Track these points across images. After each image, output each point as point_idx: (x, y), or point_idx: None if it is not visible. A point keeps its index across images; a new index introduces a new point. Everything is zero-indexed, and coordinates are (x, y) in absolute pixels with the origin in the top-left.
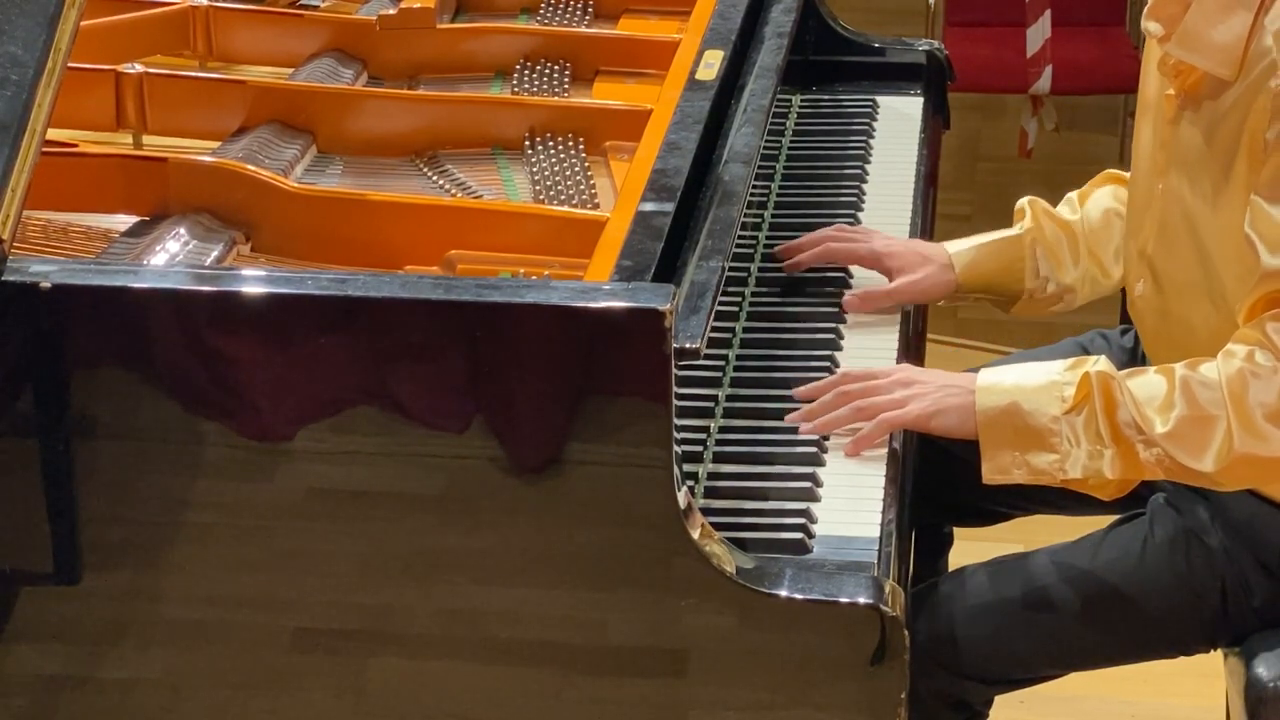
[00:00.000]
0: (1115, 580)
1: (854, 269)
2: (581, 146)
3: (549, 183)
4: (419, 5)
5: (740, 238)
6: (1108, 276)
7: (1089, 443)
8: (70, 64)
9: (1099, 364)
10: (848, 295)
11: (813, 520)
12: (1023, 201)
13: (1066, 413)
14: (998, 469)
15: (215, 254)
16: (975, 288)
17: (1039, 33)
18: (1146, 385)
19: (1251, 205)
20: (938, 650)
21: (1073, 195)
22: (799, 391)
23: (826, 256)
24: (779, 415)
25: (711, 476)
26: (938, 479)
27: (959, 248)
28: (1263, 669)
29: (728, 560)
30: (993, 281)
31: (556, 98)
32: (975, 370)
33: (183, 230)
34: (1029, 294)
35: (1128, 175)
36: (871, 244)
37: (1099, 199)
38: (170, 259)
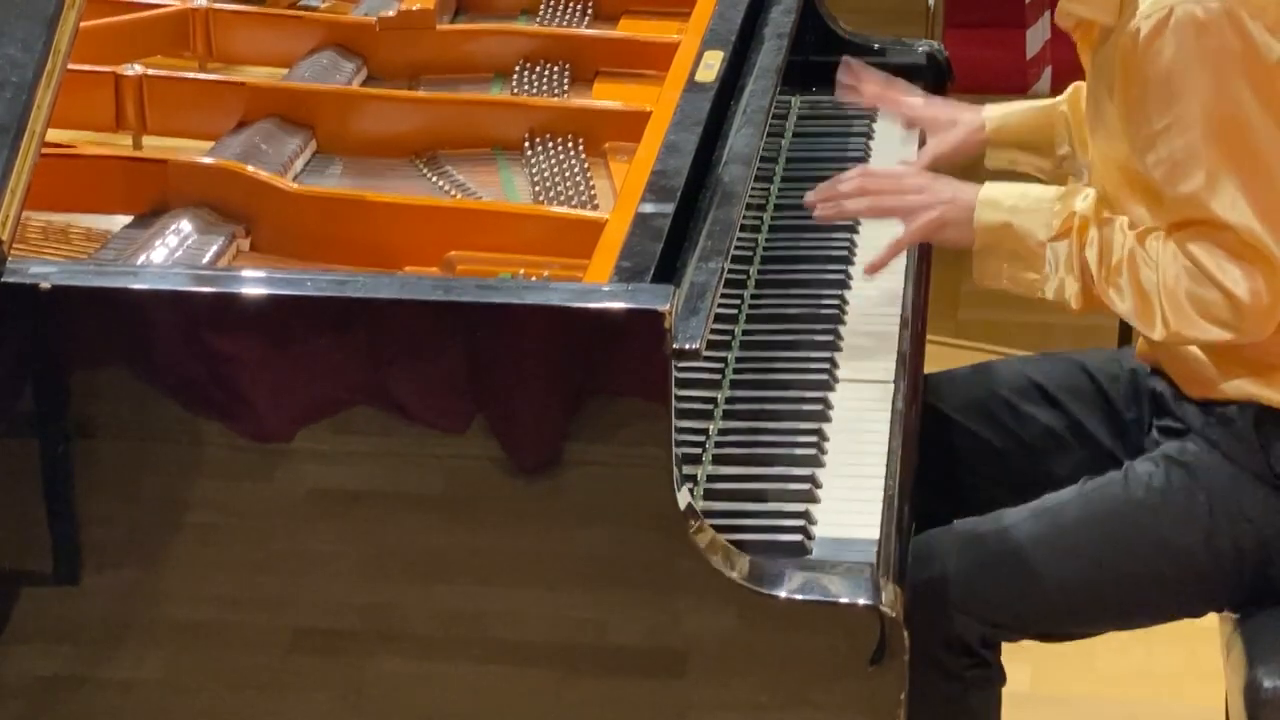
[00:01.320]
0: (1129, 512)
1: (859, 243)
2: (581, 147)
3: (549, 183)
4: (419, 6)
5: (739, 239)
6: None
7: (1064, 270)
8: (70, 65)
9: (1086, 199)
10: (895, 163)
11: (812, 521)
12: (1074, 85)
13: (1052, 239)
14: (987, 274)
15: (215, 248)
16: (1006, 143)
17: (1039, 34)
18: (1108, 241)
19: (1133, 139)
20: (944, 591)
21: None
22: (815, 193)
23: (876, 101)
24: (779, 416)
25: (711, 478)
26: (938, 479)
27: (996, 108)
28: (1263, 669)
29: (728, 560)
30: (1022, 139)
31: (556, 98)
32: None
33: (183, 224)
34: (1058, 160)
35: None
36: (911, 106)
37: None
38: (170, 254)
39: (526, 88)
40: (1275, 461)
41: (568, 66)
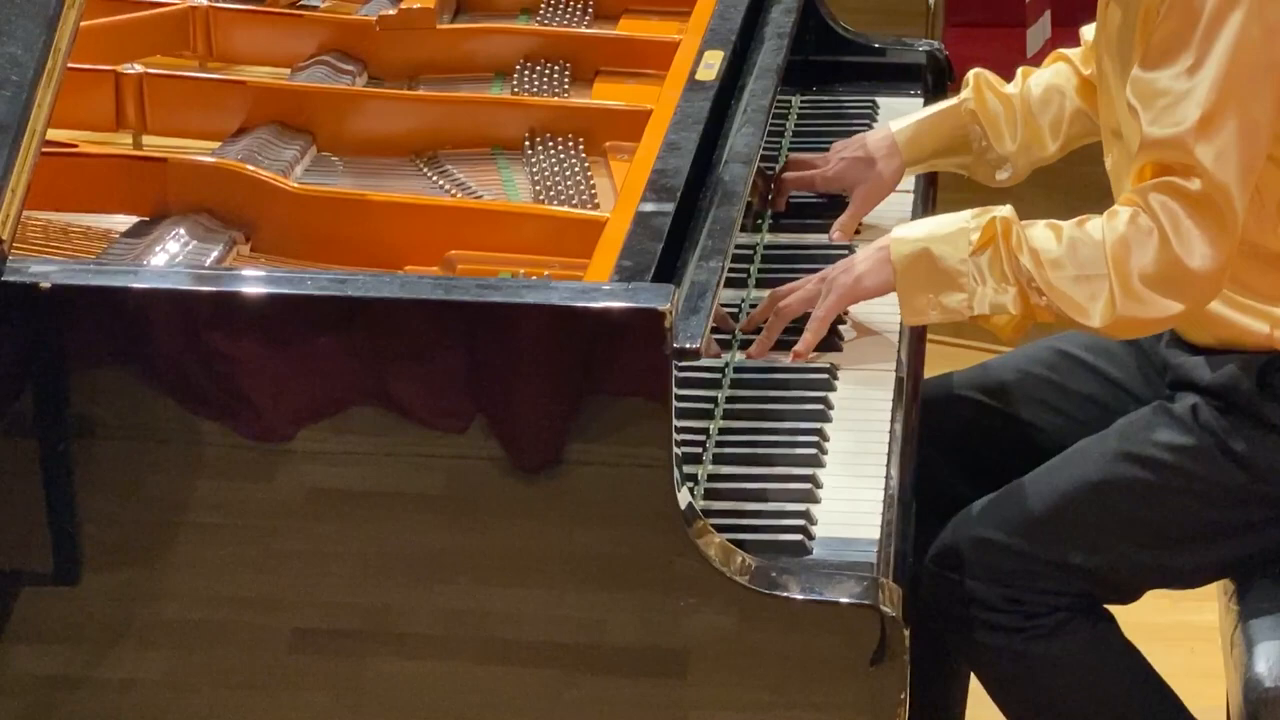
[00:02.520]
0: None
1: (860, 243)
2: (581, 146)
3: (549, 183)
4: (419, 5)
5: (740, 238)
6: (1043, 148)
7: (994, 280)
8: (70, 64)
9: (1004, 210)
10: (829, 236)
11: (812, 521)
12: (969, 74)
13: (973, 254)
14: (914, 311)
15: (215, 254)
16: (921, 160)
17: (1039, 33)
18: (1040, 238)
19: (1133, 75)
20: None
21: (1022, 70)
22: (751, 352)
23: (784, 186)
24: (779, 416)
25: (711, 477)
26: (938, 478)
27: (901, 124)
28: (1263, 669)
29: (728, 560)
30: (937, 151)
31: (556, 98)
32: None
33: (183, 231)
34: (977, 156)
35: (1071, 52)
36: (815, 173)
37: (1042, 74)
38: (170, 259)
39: (527, 87)
40: (1270, 411)
41: (568, 66)
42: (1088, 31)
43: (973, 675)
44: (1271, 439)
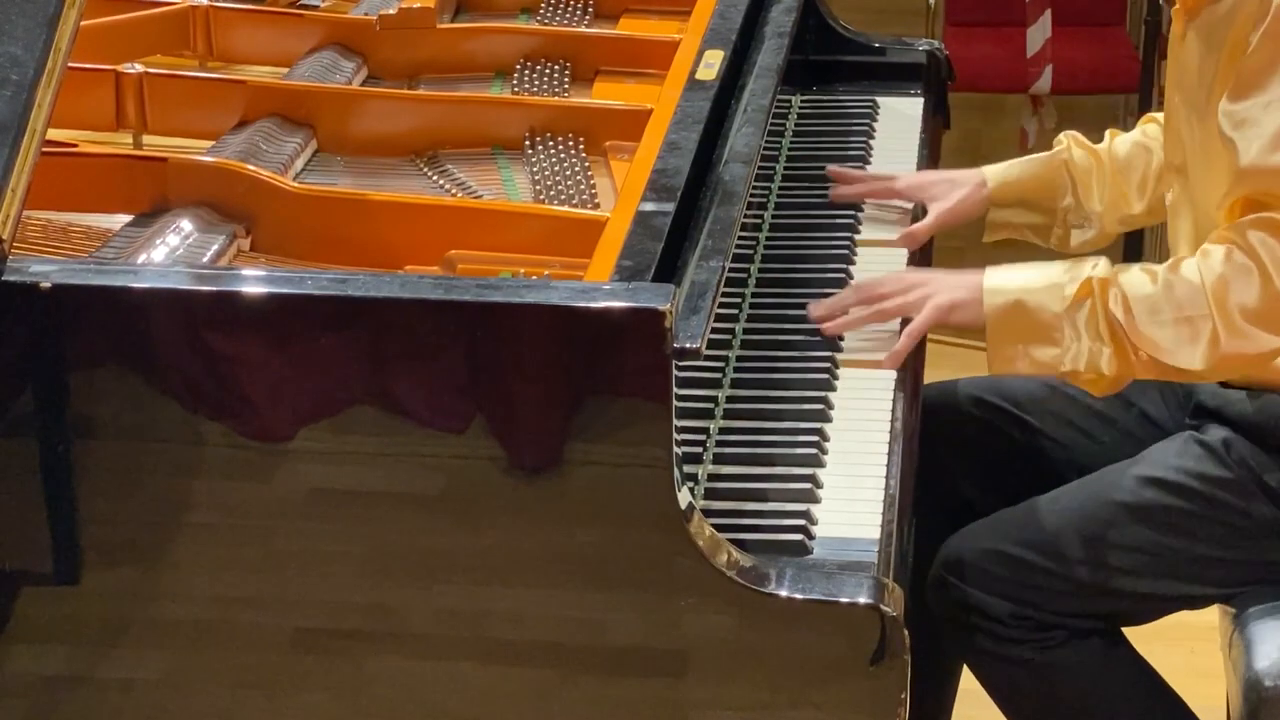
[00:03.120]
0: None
1: (860, 252)
2: (581, 146)
3: (549, 183)
4: (419, 5)
5: (740, 238)
6: (1129, 207)
7: (1089, 339)
8: (70, 64)
9: (1098, 266)
10: (898, 235)
11: (813, 521)
12: (1063, 134)
13: (1068, 309)
14: (1002, 360)
15: (216, 247)
16: (1009, 202)
17: (1039, 33)
18: (1134, 284)
19: (1223, 108)
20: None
21: (1110, 131)
22: (814, 306)
23: (866, 194)
24: (779, 415)
25: (711, 477)
26: (948, 482)
27: (994, 166)
28: (1263, 669)
29: (728, 560)
30: (1026, 196)
31: (556, 98)
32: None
33: (184, 223)
34: (1063, 214)
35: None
36: (902, 181)
37: (1131, 134)
38: (170, 253)
39: (527, 86)
40: None
41: (568, 65)
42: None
43: (965, 675)
44: None
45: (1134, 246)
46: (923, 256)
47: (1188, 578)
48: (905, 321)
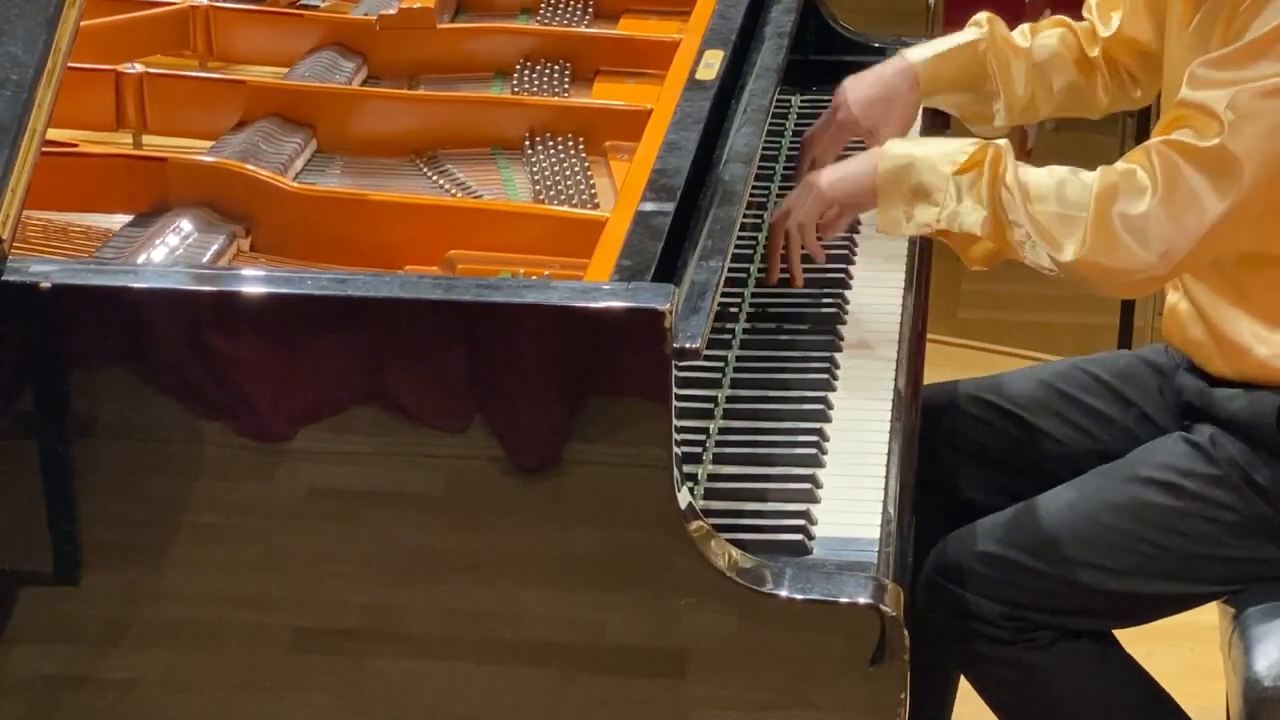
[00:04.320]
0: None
1: (860, 242)
2: (581, 146)
3: (549, 183)
4: (419, 5)
5: (740, 238)
6: (1037, 108)
7: (970, 200)
8: (70, 64)
9: (1000, 142)
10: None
11: (812, 521)
12: (980, 15)
13: (955, 173)
14: (888, 221)
15: (216, 247)
16: (937, 92)
17: None
18: (1032, 173)
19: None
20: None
21: (1025, 26)
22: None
23: (809, 144)
24: (779, 415)
25: (711, 477)
26: (951, 481)
27: (919, 55)
28: (1263, 668)
29: (728, 560)
30: (953, 84)
31: (556, 98)
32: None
33: (184, 224)
34: (979, 99)
35: (1075, 25)
36: (835, 117)
37: (1046, 38)
38: (170, 253)
39: (527, 87)
40: None
41: (568, 65)
42: (1093, 10)
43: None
44: None
45: None
46: (920, 272)
47: (1179, 577)
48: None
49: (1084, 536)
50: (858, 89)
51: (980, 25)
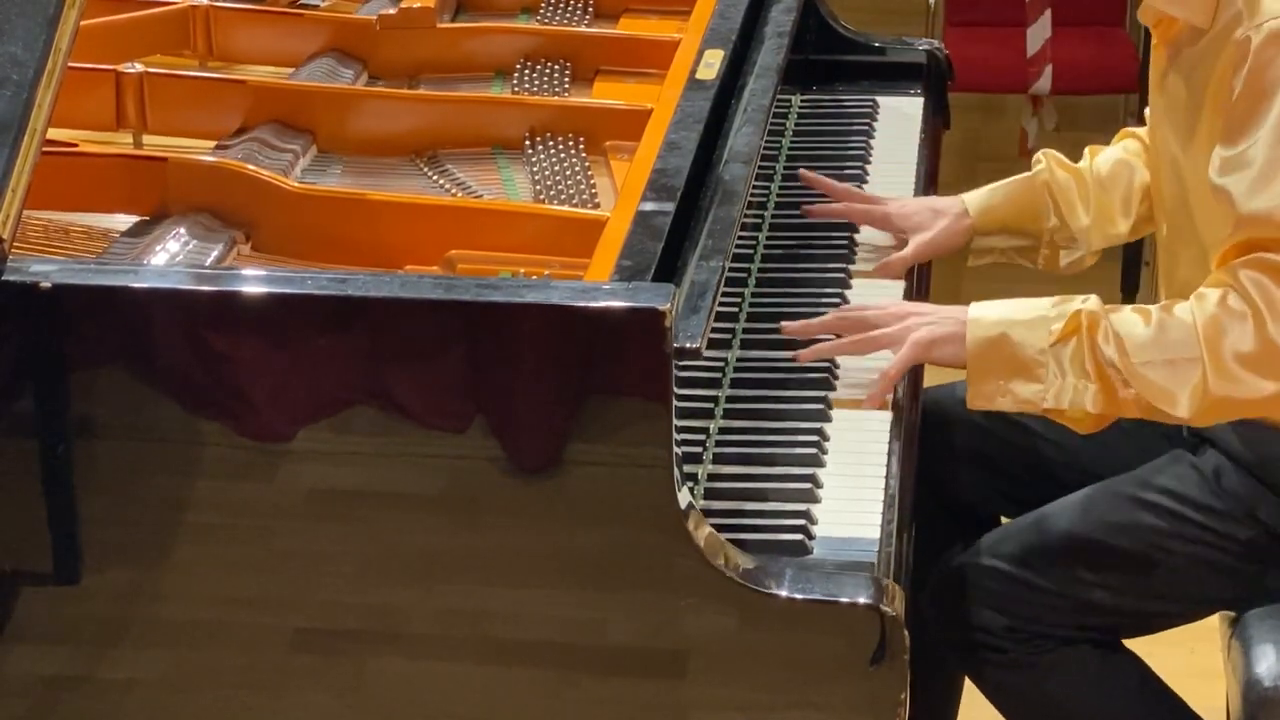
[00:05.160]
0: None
1: (860, 241)
2: (581, 146)
3: (549, 182)
4: (419, 5)
5: (740, 238)
6: (1114, 225)
7: (1074, 376)
8: (70, 64)
9: (1088, 301)
10: (873, 268)
11: (813, 521)
12: (1039, 153)
13: (1053, 344)
14: (982, 396)
15: (215, 254)
16: (992, 229)
17: (1039, 33)
18: (1126, 324)
19: (1217, 154)
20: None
21: (1090, 149)
22: (789, 326)
23: (846, 214)
24: (779, 415)
25: (711, 477)
26: (939, 484)
27: (975, 193)
28: (1263, 669)
29: (728, 560)
30: (1009, 222)
31: (556, 98)
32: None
33: (183, 230)
34: (1049, 235)
35: (1138, 129)
36: (886, 208)
37: (1111, 151)
38: (170, 259)
39: (527, 86)
40: None
41: (568, 65)
42: None
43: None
44: None
45: (1131, 282)
46: (919, 279)
47: (1182, 597)
48: None
49: (1087, 555)
50: (899, 198)
51: (1038, 162)
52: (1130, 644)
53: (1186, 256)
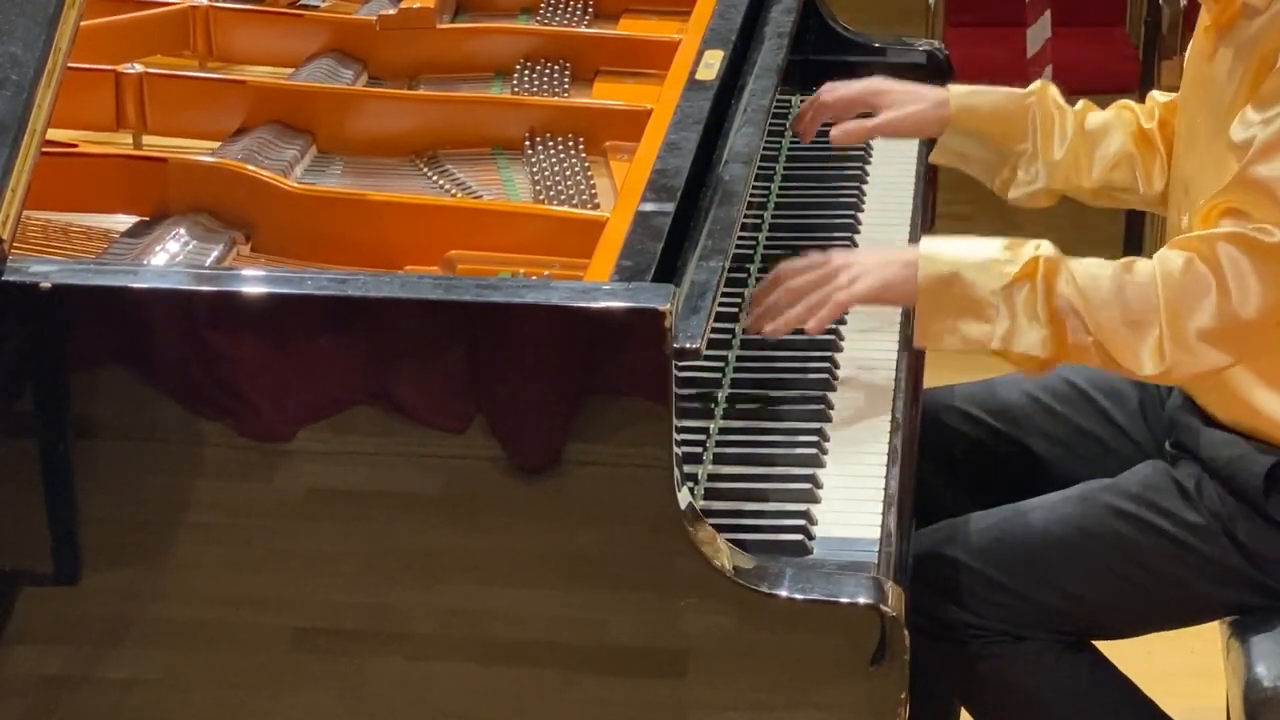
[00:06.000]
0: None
1: (860, 242)
2: (581, 146)
3: (549, 183)
4: (419, 5)
5: (740, 238)
6: (1080, 177)
7: (1025, 318)
8: (70, 64)
9: (1042, 247)
10: (834, 130)
11: (813, 521)
12: (1037, 80)
13: (1005, 286)
14: (929, 335)
15: (215, 254)
16: (966, 129)
17: (1039, 33)
18: (1085, 273)
19: (1243, 114)
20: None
21: (1084, 102)
22: (751, 315)
23: (823, 109)
24: (779, 415)
25: (711, 477)
26: (930, 490)
27: (961, 88)
28: (1263, 669)
29: (728, 560)
30: (984, 128)
31: (556, 98)
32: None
33: (183, 231)
34: (1015, 155)
35: (1136, 104)
36: (859, 85)
37: (1104, 113)
38: (170, 259)
39: (527, 87)
40: (1274, 508)
41: (568, 65)
42: (1158, 94)
43: None
44: (1272, 534)
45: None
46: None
47: (1156, 609)
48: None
49: (1058, 562)
50: (882, 79)
51: (1034, 87)
52: (1130, 642)
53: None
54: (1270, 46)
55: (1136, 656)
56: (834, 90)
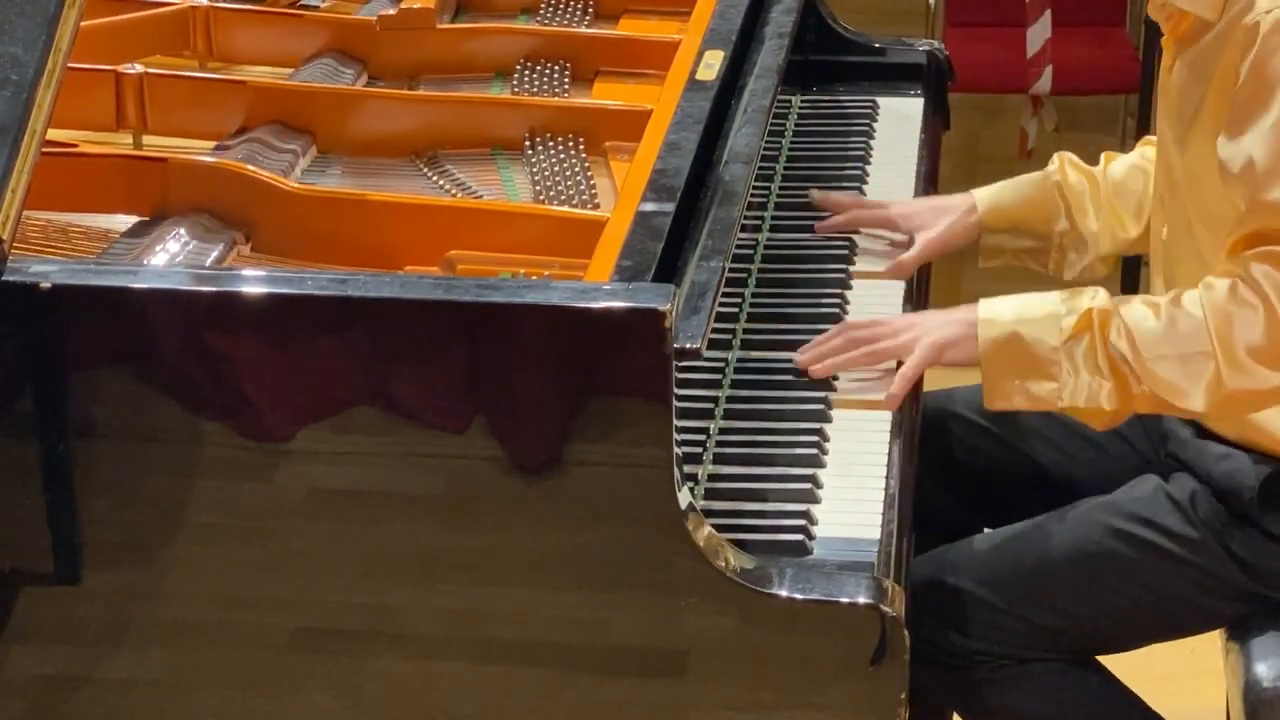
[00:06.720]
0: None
1: (860, 242)
2: (581, 146)
3: (549, 183)
4: (419, 5)
5: (740, 238)
6: (1125, 230)
7: (1088, 373)
8: (70, 64)
9: (1097, 297)
10: (883, 269)
11: (813, 521)
12: (1055, 155)
13: (1065, 342)
14: (999, 395)
15: (215, 254)
16: (1000, 227)
17: (1039, 33)
18: (1137, 318)
19: (1224, 143)
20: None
21: (1105, 154)
22: (802, 353)
23: (852, 223)
24: (779, 416)
25: (711, 477)
26: (926, 495)
27: (985, 190)
28: (1263, 669)
29: (728, 560)
30: (1018, 221)
31: (556, 98)
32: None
33: (183, 231)
34: (1059, 238)
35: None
36: (889, 211)
37: (1128, 157)
38: (170, 259)
39: (527, 87)
40: (1269, 521)
41: (568, 66)
42: None
43: None
44: (1270, 546)
45: (1130, 282)
46: (919, 279)
47: (1158, 624)
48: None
49: (1058, 584)
50: (906, 200)
51: (1052, 162)
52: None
53: (1186, 258)
54: (1229, 62)
55: (1137, 657)
56: (861, 217)
